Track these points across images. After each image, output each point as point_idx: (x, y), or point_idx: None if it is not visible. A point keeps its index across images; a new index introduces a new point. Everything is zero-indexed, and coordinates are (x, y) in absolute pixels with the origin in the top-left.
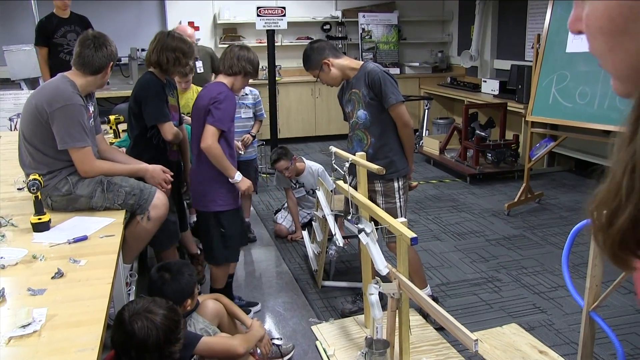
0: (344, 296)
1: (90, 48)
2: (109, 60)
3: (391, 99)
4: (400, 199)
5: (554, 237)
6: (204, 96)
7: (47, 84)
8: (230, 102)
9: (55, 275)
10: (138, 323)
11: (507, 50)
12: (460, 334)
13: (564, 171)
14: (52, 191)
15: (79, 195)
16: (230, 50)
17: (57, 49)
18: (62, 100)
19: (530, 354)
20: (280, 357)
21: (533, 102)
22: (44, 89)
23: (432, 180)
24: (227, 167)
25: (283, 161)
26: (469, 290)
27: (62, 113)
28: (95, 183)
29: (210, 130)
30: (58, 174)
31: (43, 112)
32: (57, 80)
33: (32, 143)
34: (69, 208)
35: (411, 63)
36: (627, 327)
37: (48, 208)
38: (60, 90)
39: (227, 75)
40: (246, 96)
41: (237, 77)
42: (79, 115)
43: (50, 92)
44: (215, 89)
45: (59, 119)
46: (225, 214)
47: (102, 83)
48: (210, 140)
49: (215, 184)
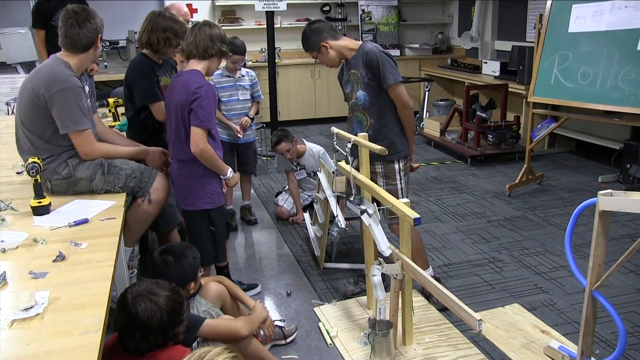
0: (346, 278)
1: (74, 27)
2: (96, 35)
3: (389, 80)
4: (402, 180)
5: (555, 218)
6: (180, 90)
7: (42, 67)
8: (212, 95)
9: (57, 258)
10: (142, 305)
11: (508, 31)
12: (464, 314)
13: (564, 152)
14: (52, 175)
15: (79, 178)
16: (200, 30)
17: (55, 32)
18: (60, 84)
19: (532, 333)
20: (284, 339)
21: (535, 82)
22: (40, 72)
23: (432, 162)
24: (220, 166)
25: (284, 143)
26: (471, 271)
27: (61, 96)
28: (95, 166)
29: (199, 133)
30: (57, 157)
31: (41, 97)
32: (51, 62)
33: (31, 129)
34: (69, 191)
35: (411, 45)
36: (628, 305)
37: (48, 192)
38: (57, 73)
39: (201, 59)
40: (243, 77)
41: (212, 59)
42: (77, 98)
43: (47, 75)
44: (192, 82)
45: (58, 102)
46: (214, 212)
47: (94, 57)
48: (202, 143)
49: (202, 180)
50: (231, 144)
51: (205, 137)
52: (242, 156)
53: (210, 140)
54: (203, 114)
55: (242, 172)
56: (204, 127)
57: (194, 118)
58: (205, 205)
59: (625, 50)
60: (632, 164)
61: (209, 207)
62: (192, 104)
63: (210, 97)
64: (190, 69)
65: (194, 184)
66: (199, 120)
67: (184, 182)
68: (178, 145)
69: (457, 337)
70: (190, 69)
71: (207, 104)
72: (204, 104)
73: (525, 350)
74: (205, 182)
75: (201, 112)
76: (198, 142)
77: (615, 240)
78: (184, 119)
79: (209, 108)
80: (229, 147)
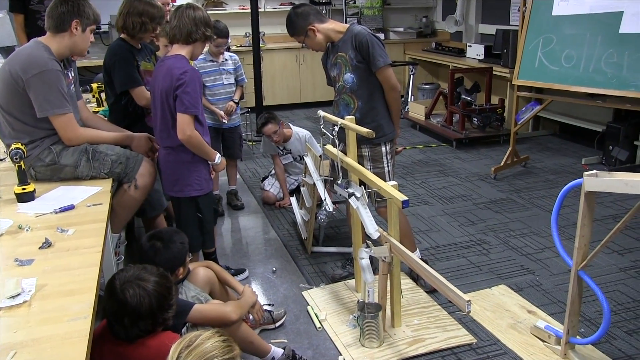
0: (333, 262)
1: (55, 7)
2: (73, 16)
3: (379, 62)
4: (388, 163)
5: (540, 200)
6: (165, 76)
7: (21, 49)
8: (197, 80)
9: (43, 245)
10: (130, 291)
11: (492, 14)
12: (452, 295)
13: (548, 135)
14: (35, 162)
15: (63, 164)
16: (183, 13)
17: (34, 16)
18: (38, 67)
19: (519, 313)
20: (273, 323)
21: (519, 65)
22: (18, 55)
23: (418, 146)
24: (208, 152)
25: (271, 125)
26: (458, 253)
27: (38, 80)
28: (80, 152)
29: (185, 119)
30: (40, 143)
31: (19, 80)
32: (31, 45)
33: (10, 112)
34: (53, 178)
35: (396, 28)
36: (611, 284)
37: (32, 179)
38: (35, 56)
39: (185, 44)
40: (226, 62)
41: (196, 44)
42: (56, 81)
43: (25, 58)
44: (176, 68)
45: (36, 85)
46: (202, 198)
47: (73, 44)
48: (189, 130)
49: (189, 166)
50: (216, 129)
51: (192, 124)
52: (227, 141)
53: (197, 126)
54: (189, 100)
55: (228, 156)
56: (190, 113)
57: (180, 104)
58: (193, 192)
59: (608, 34)
60: (615, 145)
61: (197, 193)
62: (177, 90)
63: (196, 82)
64: (174, 54)
65: (181, 171)
66: (184, 106)
67: (172, 169)
68: (165, 132)
69: (445, 319)
70: (174, 53)
71: (192, 90)
72: (189, 90)
73: (513, 331)
74: (193, 168)
75: (186, 98)
76: (185, 129)
77: (599, 221)
78: (170, 106)
79: (195, 94)
80: (214, 132)
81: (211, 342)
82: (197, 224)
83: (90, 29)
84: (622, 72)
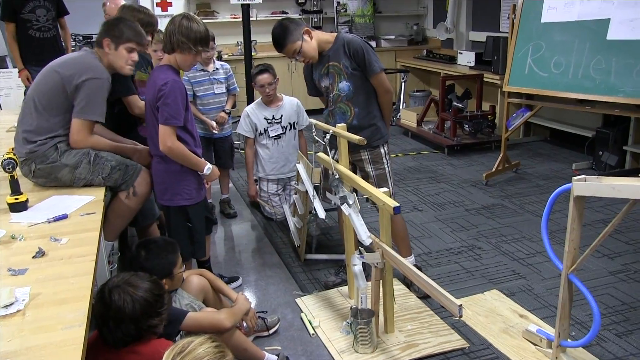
0: (327, 269)
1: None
2: (103, 35)
3: (375, 68)
4: (387, 163)
5: (531, 205)
6: (150, 86)
7: (75, 57)
8: (178, 91)
9: (37, 254)
10: (115, 295)
11: (483, 21)
12: (444, 300)
13: (539, 141)
14: (39, 158)
15: (64, 164)
16: (170, 22)
17: (25, 25)
18: (94, 73)
19: (511, 318)
20: (266, 330)
21: (509, 72)
22: (71, 60)
23: (410, 152)
24: (195, 163)
25: (268, 74)
26: (450, 259)
27: (92, 84)
28: (82, 154)
29: (166, 130)
30: (49, 141)
31: (71, 80)
32: (84, 54)
33: (46, 110)
34: (50, 177)
35: (387, 36)
36: (602, 288)
37: (29, 174)
38: (92, 64)
39: (169, 52)
40: (217, 71)
41: (176, 54)
42: (104, 91)
43: (81, 63)
44: (159, 79)
45: (88, 88)
46: (192, 208)
47: (109, 61)
48: (169, 141)
49: (179, 176)
50: (207, 139)
51: (173, 135)
52: (219, 151)
53: (187, 137)
54: (168, 112)
55: (220, 166)
56: (170, 125)
57: (160, 116)
58: (183, 201)
59: (596, 40)
60: (604, 151)
61: (186, 203)
62: (158, 102)
63: (177, 93)
64: (162, 64)
65: (170, 180)
66: (164, 118)
67: (162, 178)
68: (155, 141)
69: (438, 324)
70: (163, 64)
71: (172, 101)
72: (169, 101)
73: (505, 335)
74: (182, 178)
75: (166, 109)
76: (165, 140)
77: (589, 226)
78: (155, 116)
79: (175, 105)
80: (205, 142)
81: (204, 348)
82: (187, 233)
83: (125, 47)
84: (610, 78)
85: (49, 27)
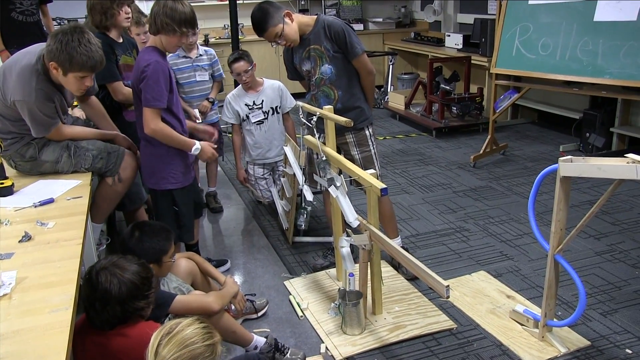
0: (315, 251)
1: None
2: (49, 56)
3: (357, 50)
4: (373, 145)
5: (519, 187)
6: (135, 69)
7: (20, 71)
8: (160, 72)
9: (23, 238)
10: (102, 277)
11: (470, 4)
12: (431, 280)
13: (527, 123)
14: (15, 156)
15: (43, 160)
16: (156, 3)
17: (7, 7)
18: (22, 95)
19: (498, 299)
20: (255, 313)
21: (497, 54)
22: (14, 74)
23: (398, 135)
24: (182, 142)
25: (243, 62)
26: (438, 241)
27: (22, 106)
28: (61, 148)
29: (148, 113)
30: (20, 139)
31: (6, 97)
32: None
33: (7, 115)
34: (33, 171)
35: (375, 19)
36: (587, 268)
37: (12, 168)
38: (26, 81)
39: (153, 34)
40: (200, 57)
41: (160, 36)
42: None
43: (17, 81)
44: (142, 61)
45: (22, 110)
46: (178, 192)
47: (62, 83)
48: (153, 123)
49: (165, 159)
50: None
51: (157, 117)
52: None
53: (173, 121)
54: (150, 94)
55: None
56: (152, 107)
57: (143, 98)
58: (169, 185)
59: (583, 22)
60: (591, 132)
61: (172, 187)
62: (141, 84)
63: (159, 75)
64: (148, 46)
65: (157, 164)
66: (146, 100)
67: (148, 161)
68: (142, 123)
69: (426, 305)
70: (149, 45)
71: (154, 83)
72: (151, 83)
73: (492, 315)
74: (168, 161)
75: (149, 91)
76: (149, 122)
77: (576, 207)
78: (140, 99)
79: (157, 86)
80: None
81: (191, 329)
82: (174, 217)
83: (75, 76)
84: (597, 60)
85: (32, 11)
